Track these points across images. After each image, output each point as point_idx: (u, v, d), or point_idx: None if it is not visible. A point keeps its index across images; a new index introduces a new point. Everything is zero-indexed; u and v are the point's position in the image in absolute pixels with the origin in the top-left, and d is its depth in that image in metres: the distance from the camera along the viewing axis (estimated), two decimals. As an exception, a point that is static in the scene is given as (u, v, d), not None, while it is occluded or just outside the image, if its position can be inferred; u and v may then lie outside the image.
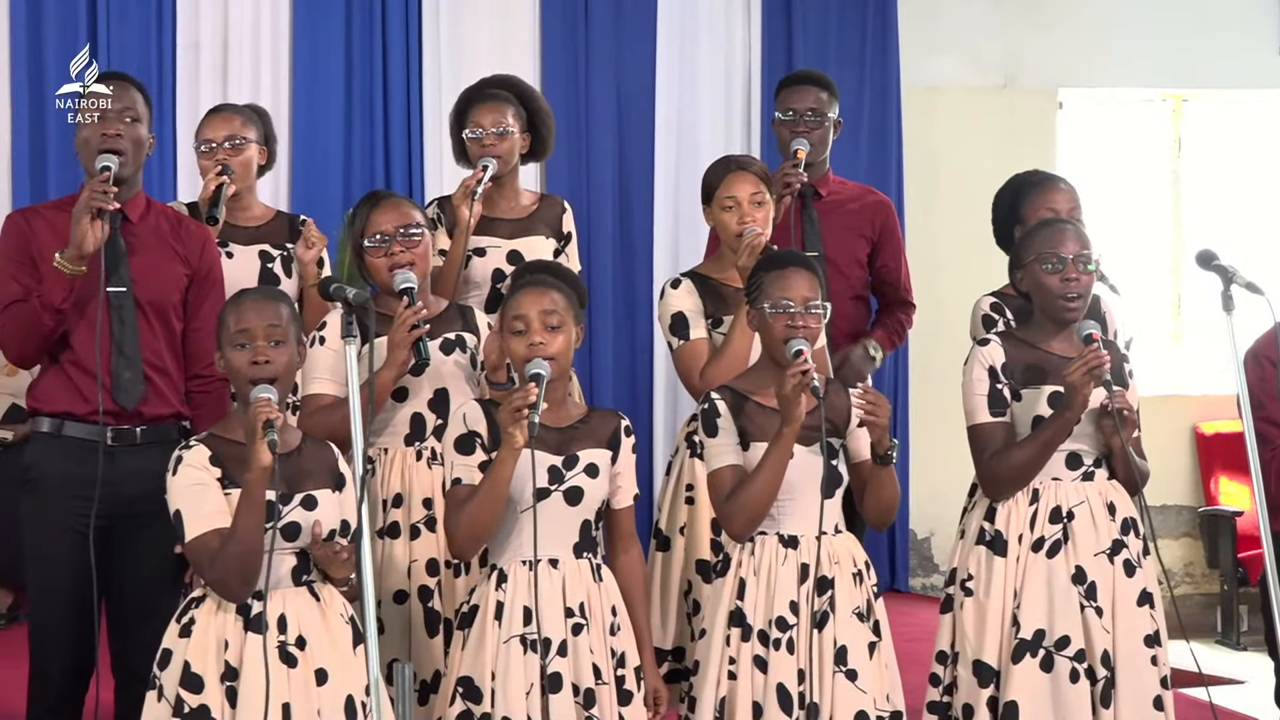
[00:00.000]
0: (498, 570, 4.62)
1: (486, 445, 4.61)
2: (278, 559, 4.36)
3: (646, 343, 9.62)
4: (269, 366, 4.38)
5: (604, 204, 9.48)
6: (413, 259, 5.10)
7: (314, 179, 9.15)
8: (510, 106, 6.15)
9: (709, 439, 4.85)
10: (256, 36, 9.12)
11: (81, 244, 4.93)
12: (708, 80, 9.72)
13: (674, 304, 5.63)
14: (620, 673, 4.67)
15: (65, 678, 5.09)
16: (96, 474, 4.93)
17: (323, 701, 4.34)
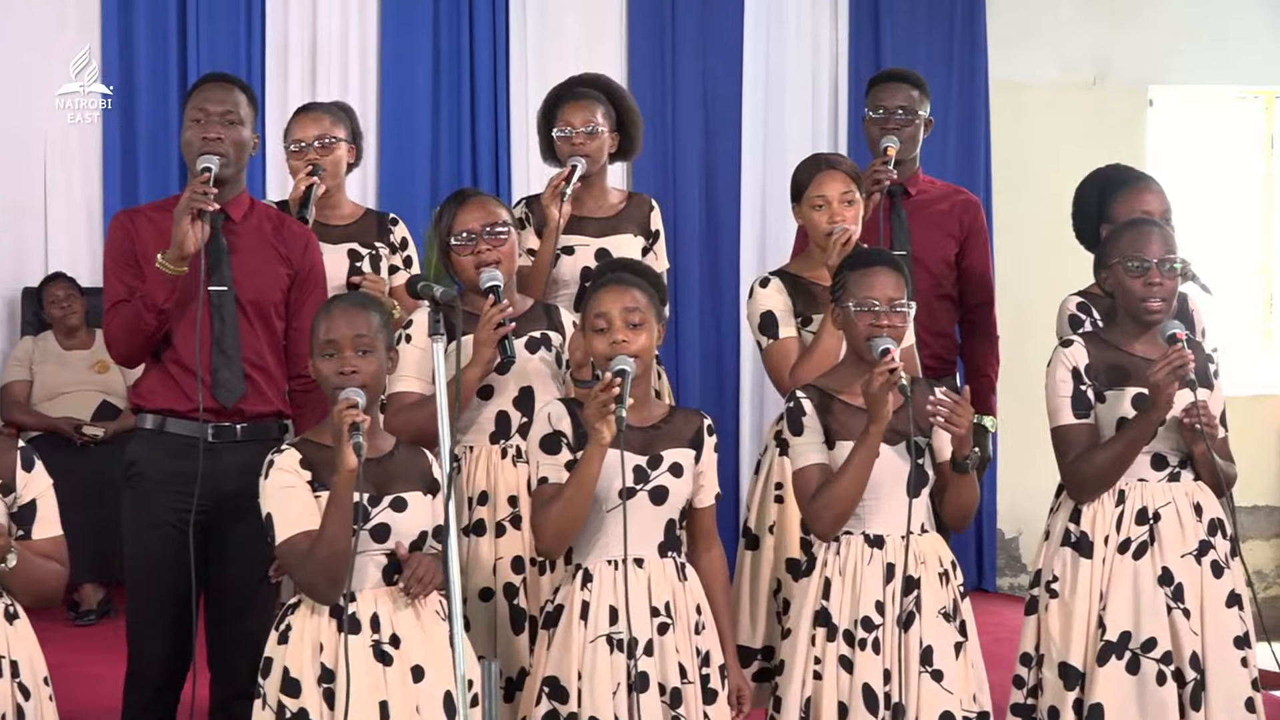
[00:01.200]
0: (583, 570, 4.63)
1: (572, 444, 4.62)
2: (368, 560, 4.38)
3: (733, 341, 9.61)
4: (355, 376, 4.39)
5: (690, 203, 9.48)
6: (499, 257, 5.10)
7: (401, 177, 9.19)
8: (600, 105, 6.15)
9: (794, 437, 4.84)
10: (345, 36, 9.18)
11: (183, 244, 4.96)
12: (794, 78, 9.70)
13: (763, 303, 5.62)
14: (705, 671, 4.67)
15: (162, 671, 5.12)
16: (197, 470, 4.97)
17: (420, 698, 4.36)
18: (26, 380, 8.63)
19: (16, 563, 4.24)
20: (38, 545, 4.37)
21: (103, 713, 5.18)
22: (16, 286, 8.87)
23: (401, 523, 4.42)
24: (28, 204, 8.89)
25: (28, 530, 4.37)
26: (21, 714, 4.26)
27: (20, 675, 4.29)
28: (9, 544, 4.21)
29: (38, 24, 8.85)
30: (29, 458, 4.39)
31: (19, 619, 4.36)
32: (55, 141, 8.90)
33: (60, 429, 8.36)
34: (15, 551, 4.23)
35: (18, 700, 4.26)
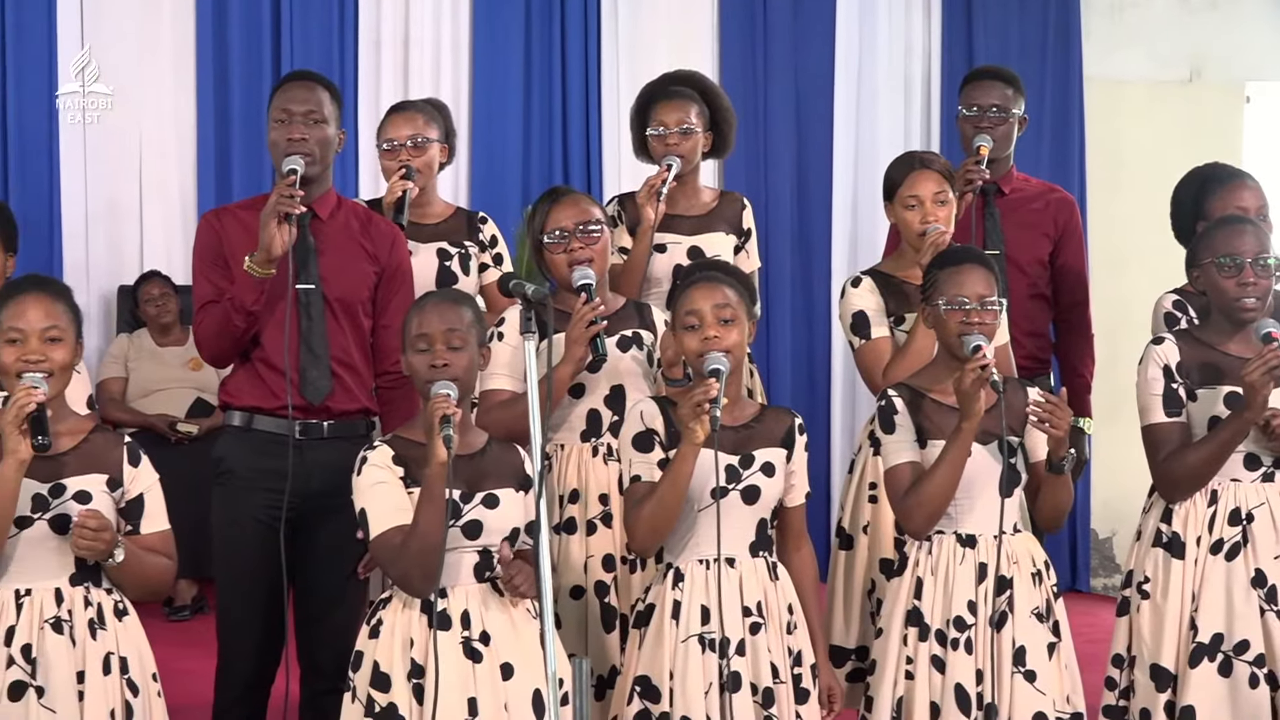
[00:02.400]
0: (674, 569, 4.63)
1: (664, 442, 4.62)
2: (460, 556, 4.38)
3: (824, 340, 9.60)
4: (447, 370, 4.39)
5: (782, 202, 9.48)
6: (591, 255, 5.10)
7: (493, 175, 9.22)
8: (694, 104, 6.14)
9: (886, 436, 4.82)
10: (437, 33, 9.22)
11: (269, 247, 4.98)
12: (886, 76, 9.68)
13: (855, 303, 5.59)
14: (797, 671, 4.66)
15: (252, 667, 5.16)
16: (285, 468, 5.00)
17: (510, 695, 4.36)
18: (122, 377, 8.71)
19: (124, 558, 4.26)
20: (146, 540, 4.39)
21: (195, 708, 5.20)
22: (112, 285, 8.95)
23: (493, 519, 4.42)
24: (123, 203, 8.97)
25: (136, 525, 4.39)
26: (130, 710, 4.29)
27: (129, 671, 4.31)
28: (115, 539, 4.24)
29: (133, 24, 8.92)
30: (135, 453, 4.41)
31: (128, 615, 4.38)
32: (150, 140, 8.98)
33: (155, 426, 8.43)
34: (123, 546, 4.26)
35: (126, 696, 4.29)
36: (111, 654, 4.28)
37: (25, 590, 4.25)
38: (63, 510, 4.24)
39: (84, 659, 4.24)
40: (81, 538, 4.18)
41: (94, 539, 4.18)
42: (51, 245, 8.65)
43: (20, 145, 8.71)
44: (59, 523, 4.23)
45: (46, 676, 4.20)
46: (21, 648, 4.20)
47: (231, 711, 5.18)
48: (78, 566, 4.28)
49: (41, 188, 8.70)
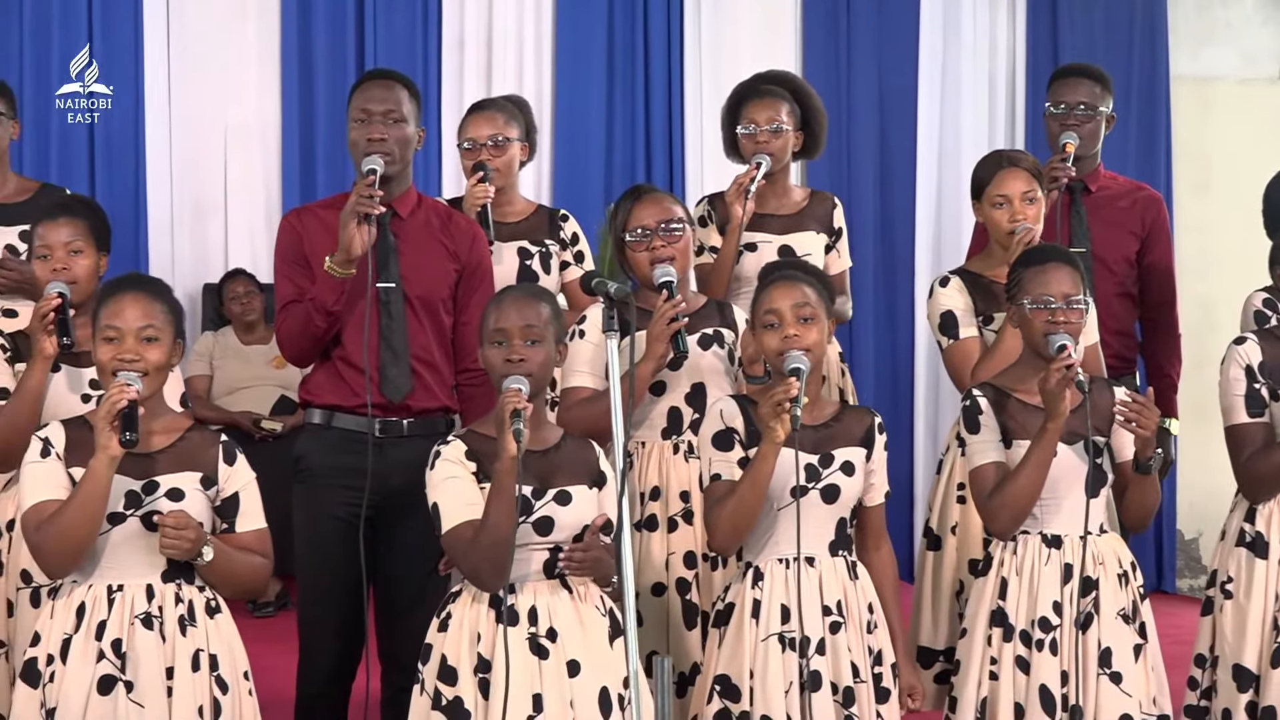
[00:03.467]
0: (753, 568, 4.62)
1: (744, 441, 4.61)
2: (530, 553, 4.39)
3: (907, 339, 9.57)
4: (524, 365, 4.40)
5: (865, 201, 9.45)
6: (673, 254, 5.11)
7: (575, 173, 9.23)
8: (785, 103, 6.15)
9: (970, 436, 4.79)
10: (520, 32, 9.23)
11: (349, 248, 5.00)
12: (970, 74, 9.64)
13: (943, 302, 5.58)
14: (877, 670, 4.65)
15: (333, 663, 5.17)
16: (365, 465, 5.01)
17: (576, 693, 4.35)
18: (206, 375, 8.76)
19: (214, 556, 4.28)
20: (240, 538, 4.40)
21: (280, 703, 5.23)
22: (197, 283, 9.00)
23: (565, 516, 4.42)
24: (208, 202, 9.02)
25: (231, 524, 4.40)
26: (218, 708, 4.29)
27: (219, 669, 4.32)
28: (202, 538, 4.26)
29: (219, 24, 8.97)
30: (231, 452, 4.43)
31: (220, 613, 4.39)
32: (235, 139, 9.03)
33: (239, 423, 8.47)
34: (211, 545, 4.28)
35: (214, 694, 4.29)
36: (201, 651, 4.29)
37: (117, 586, 4.27)
38: (155, 507, 4.26)
39: (173, 655, 4.25)
40: (164, 536, 4.20)
41: (176, 537, 4.19)
42: (137, 244, 8.71)
43: (107, 144, 8.76)
44: (151, 520, 4.25)
45: (136, 672, 4.21)
46: (112, 643, 4.22)
47: (313, 707, 5.20)
48: (169, 563, 4.29)
49: (128, 187, 8.76)
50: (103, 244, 5.10)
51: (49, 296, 4.89)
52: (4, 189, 5.98)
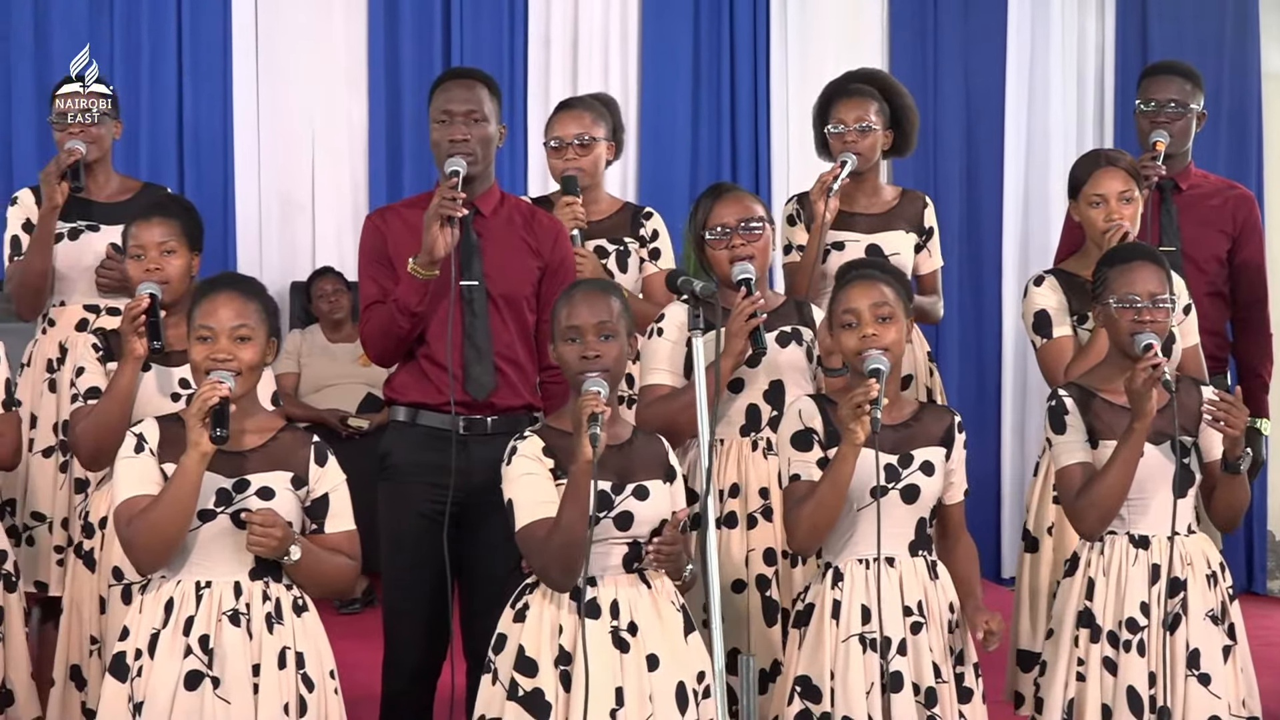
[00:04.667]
0: (833, 569, 4.61)
1: (823, 441, 4.60)
2: (609, 548, 4.40)
3: (994, 338, 9.53)
4: (598, 360, 4.41)
5: (951, 199, 9.42)
6: (753, 252, 5.10)
7: (661, 171, 9.24)
8: (873, 102, 6.14)
9: (1057, 436, 4.77)
10: (606, 30, 9.25)
11: (433, 250, 5.01)
12: (1059, 72, 9.59)
13: (1038, 301, 5.56)
14: (959, 670, 4.63)
15: (418, 660, 5.19)
16: (449, 462, 5.02)
17: (654, 687, 4.36)
18: (294, 373, 8.81)
19: (301, 556, 4.29)
20: (329, 539, 4.42)
21: (365, 699, 5.25)
22: (285, 281, 9.05)
23: (644, 510, 4.43)
24: (296, 200, 9.09)
25: (320, 524, 4.42)
26: (304, 705, 4.31)
27: (305, 667, 4.33)
28: (289, 537, 4.27)
29: (306, 24, 9.03)
30: (323, 453, 4.44)
31: (307, 611, 4.41)
32: (323, 138, 9.09)
33: (326, 421, 8.51)
34: (299, 545, 4.30)
35: (300, 691, 4.31)
36: (288, 649, 4.31)
37: (205, 582, 4.29)
38: (245, 506, 4.28)
39: (260, 652, 4.27)
40: (251, 534, 4.22)
41: (263, 535, 4.22)
42: (226, 243, 8.77)
43: (196, 144, 8.83)
44: (240, 518, 4.28)
45: (223, 668, 4.24)
46: (199, 638, 4.24)
47: (399, 703, 5.22)
48: (257, 561, 4.31)
49: (216, 186, 8.83)
50: (195, 244, 5.13)
51: (139, 297, 4.93)
52: (107, 189, 6.03)
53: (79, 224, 5.93)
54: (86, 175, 5.86)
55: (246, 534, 4.24)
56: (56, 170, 5.76)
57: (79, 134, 5.90)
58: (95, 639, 5.06)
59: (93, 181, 5.94)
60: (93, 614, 5.07)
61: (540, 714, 4.31)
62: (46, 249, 5.85)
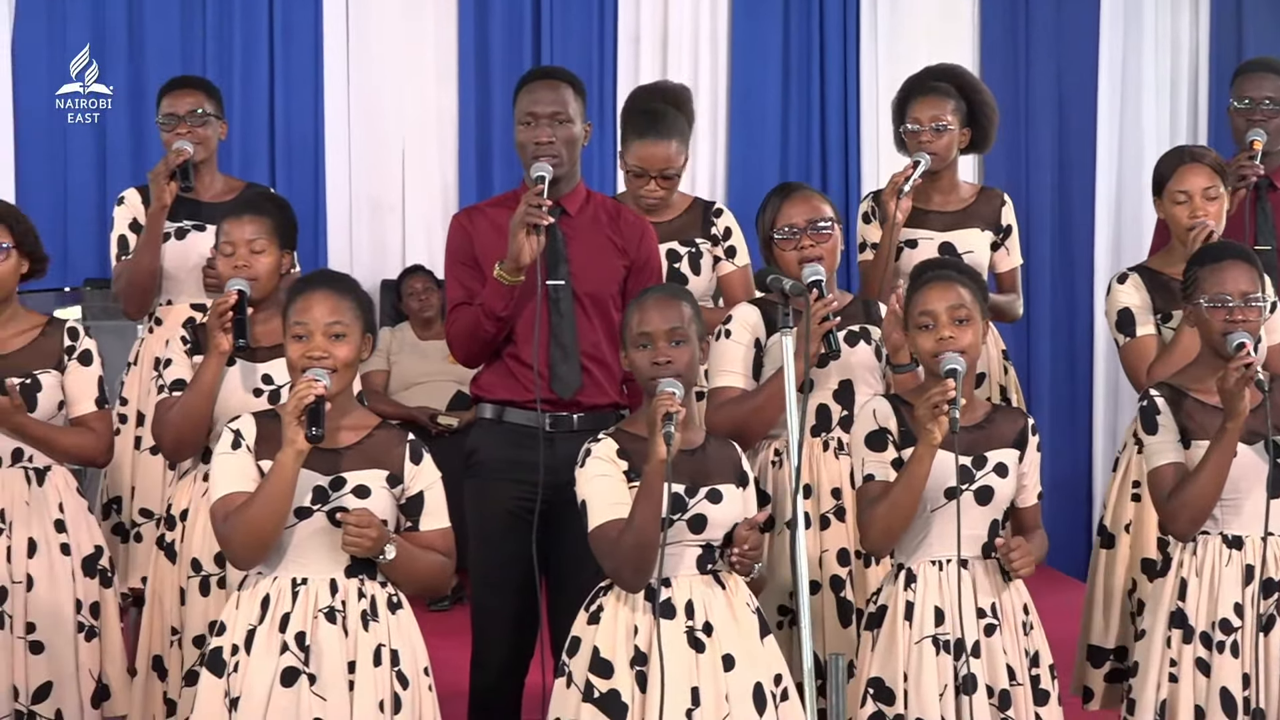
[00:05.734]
0: (905, 570, 4.59)
1: (896, 441, 4.58)
2: (683, 549, 4.40)
3: (1086, 337, 9.47)
4: (669, 366, 4.42)
5: (1043, 197, 9.38)
6: (821, 254, 5.07)
7: (750, 168, 9.24)
8: (950, 100, 6.10)
9: (1148, 436, 4.73)
10: (696, 26, 9.25)
11: (519, 257, 5.01)
12: (1152, 69, 9.52)
13: (1121, 299, 5.52)
14: (1035, 672, 4.61)
15: (506, 657, 5.20)
16: (535, 459, 5.04)
17: (730, 687, 4.36)
18: (384, 370, 8.84)
19: (395, 554, 4.31)
20: (424, 537, 4.43)
21: (456, 696, 5.27)
22: (375, 279, 9.09)
23: (718, 514, 4.44)
24: (386, 199, 9.14)
25: (415, 522, 4.43)
26: (399, 702, 4.32)
27: (400, 664, 4.35)
28: (384, 536, 4.29)
29: (395, 23, 9.07)
30: (418, 451, 4.45)
31: (402, 609, 4.42)
32: (413, 137, 9.14)
33: (416, 418, 8.54)
34: (393, 544, 4.31)
35: (395, 689, 4.32)
36: (383, 646, 4.32)
37: (301, 579, 4.32)
38: (341, 504, 4.30)
39: (355, 649, 4.29)
40: (346, 534, 4.24)
41: (358, 535, 4.23)
42: (317, 241, 8.84)
43: (287, 143, 8.89)
44: (336, 516, 4.30)
45: (319, 665, 4.26)
46: (295, 635, 4.27)
47: (487, 700, 5.23)
48: (353, 559, 4.32)
49: (307, 185, 8.89)
50: (287, 241, 5.16)
51: (227, 293, 4.96)
52: (213, 188, 6.09)
53: (185, 224, 5.99)
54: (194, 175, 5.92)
55: (341, 533, 4.26)
56: (165, 170, 5.82)
57: (186, 134, 5.96)
58: (176, 630, 5.11)
59: (198, 181, 5.99)
60: (173, 605, 5.11)
61: (616, 715, 4.32)
62: (155, 248, 5.91)
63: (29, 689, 5.03)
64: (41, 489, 5.12)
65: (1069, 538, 8.70)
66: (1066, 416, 9.36)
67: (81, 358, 5.17)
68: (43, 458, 5.12)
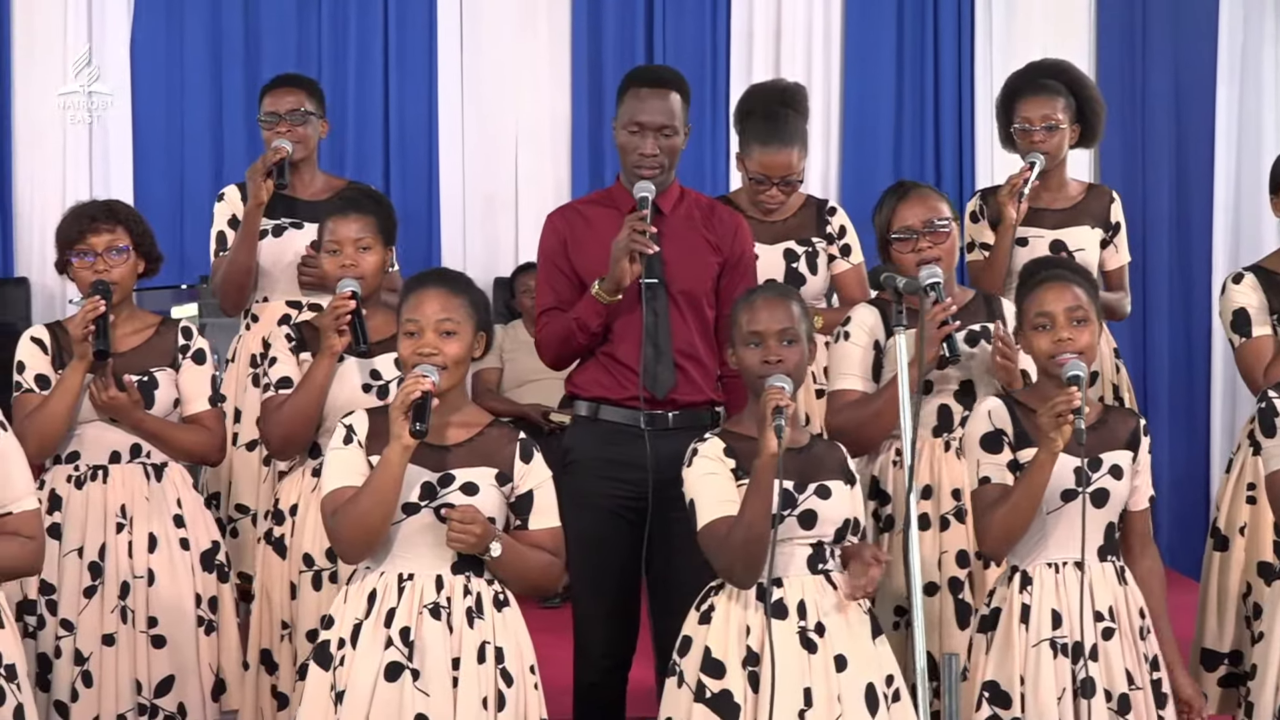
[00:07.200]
0: (1020, 572, 4.56)
1: (1013, 443, 4.55)
2: (793, 549, 4.40)
3: (1203, 336, 9.37)
4: (780, 365, 4.42)
5: (1160, 196, 9.28)
6: (939, 254, 5.04)
7: (864, 165, 9.21)
8: (1060, 98, 6.06)
9: (1267, 440, 4.68)
10: (809, 24, 9.23)
11: (620, 280, 5.02)
12: (1272, 66, 9.40)
13: (1236, 300, 5.47)
14: (1156, 676, 4.57)
15: (607, 655, 5.22)
16: (630, 457, 5.06)
17: (843, 687, 4.35)
18: (497, 368, 8.86)
19: (503, 552, 4.31)
20: (533, 535, 4.44)
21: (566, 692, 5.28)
22: (488, 277, 9.12)
23: (827, 510, 4.43)
24: (500, 196, 9.18)
25: (525, 520, 4.44)
26: (502, 700, 4.32)
27: (505, 661, 4.35)
28: (490, 534, 4.29)
29: (508, 20, 9.11)
30: (528, 450, 4.46)
31: (508, 606, 4.43)
32: (526, 135, 9.17)
33: (528, 415, 8.56)
34: (499, 542, 4.32)
35: (499, 686, 4.32)
36: (487, 643, 4.33)
37: (408, 575, 4.33)
38: (448, 500, 4.31)
39: (460, 646, 4.30)
40: (451, 530, 4.25)
41: (463, 531, 4.24)
42: (430, 239, 8.90)
43: (401, 141, 8.95)
44: (442, 513, 4.31)
45: (423, 660, 4.27)
46: (400, 631, 4.28)
47: (590, 696, 5.25)
48: (460, 556, 4.33)
49: (421, 182, 8.95)
50: (390, 239, 5.19)
51: (343, 294, 4.99)
52: (312, 187, 6.13)
53: (283, 221, 6.03)
54: (292, 173, 5.95)
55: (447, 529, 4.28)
56: (263, 168, 5.86)
57: (286, 133, 5.99)
58: (286, 624, 5.15)
59: (298, 179, 6.03)
60: (283, 599, 5.15)
61: (729, 716, 4.32)
62: (251, 245, 5.95)
63: (151, 682, 5.10)
64: (160, 484, 5.18)
65: (1186, 539, 8.63)
66: (1184, 417, 9.27)
67: (195, 356, 5.23)
68: (159, 454, 5.18)
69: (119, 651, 5.07)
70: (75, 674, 5.05)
